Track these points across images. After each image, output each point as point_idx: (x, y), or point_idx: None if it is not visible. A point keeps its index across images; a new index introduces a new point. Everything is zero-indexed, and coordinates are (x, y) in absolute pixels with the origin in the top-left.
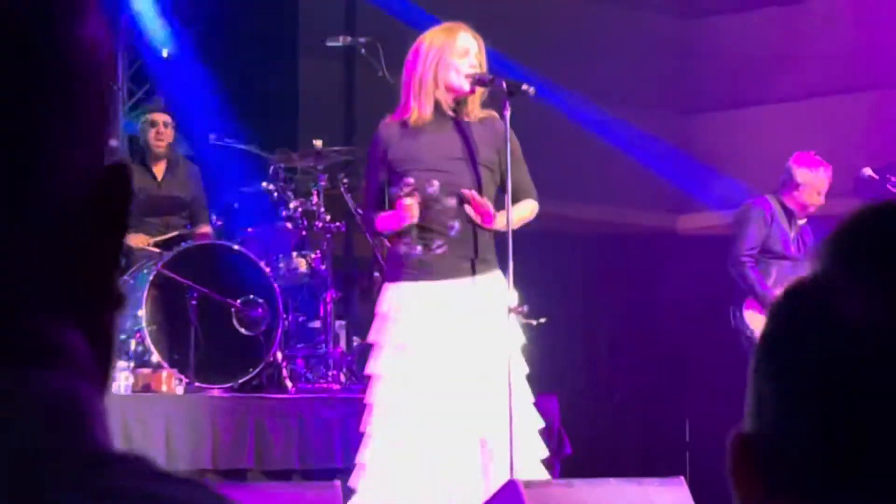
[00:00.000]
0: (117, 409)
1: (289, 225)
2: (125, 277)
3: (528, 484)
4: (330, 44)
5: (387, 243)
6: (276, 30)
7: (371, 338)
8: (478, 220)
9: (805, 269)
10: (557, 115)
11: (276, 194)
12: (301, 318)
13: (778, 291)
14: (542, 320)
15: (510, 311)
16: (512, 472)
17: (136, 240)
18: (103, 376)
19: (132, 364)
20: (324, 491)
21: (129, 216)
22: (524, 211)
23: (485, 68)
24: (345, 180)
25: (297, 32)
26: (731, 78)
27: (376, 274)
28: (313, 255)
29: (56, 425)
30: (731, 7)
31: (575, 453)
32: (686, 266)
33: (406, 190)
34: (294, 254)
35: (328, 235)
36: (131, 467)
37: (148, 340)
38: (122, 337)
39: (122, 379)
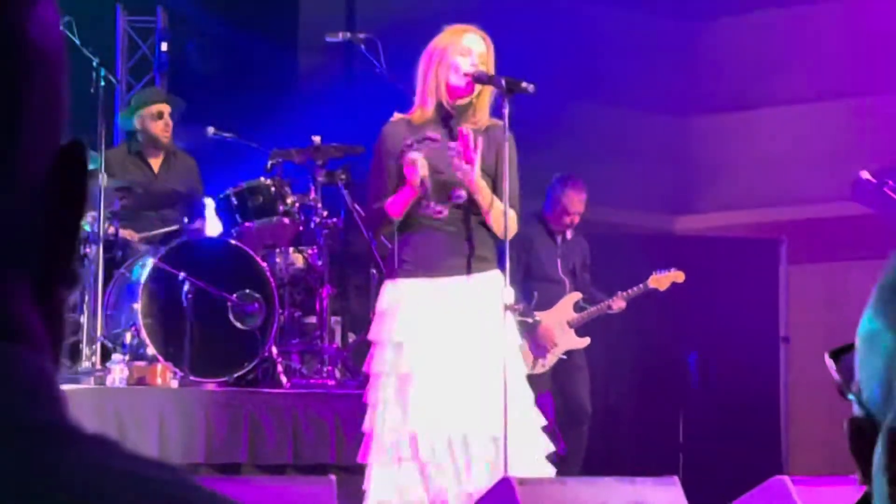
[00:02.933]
0: (112, 401)
1: (286, 220)
2: (122, 270)
3: (522, 481)
4: (329, 39)
5: (387, 243)
6: (276, 24)
7: (371, 335)
8: (461, 162)
9: (566, 288)
10: (557, 115)
11: (273, 189)
12: (297, 314)
13: (539, 314)
14: (538, 318)
15: (506, 308)
16: (506, 469)
17: (123, 234)
18: (57, 354)
19: (127, 357)
20: (319, 485)
21: (86, 194)
22: (502, 208)
23: (492, 71)
24: (342, 176)
25: (296, 27)
26: (731, 81)
27: (373, 271)
28: (310, 251)
29: (34, 401)
30: (732, 10)
31: (568, 452)
32: (683, 267)
33: (408, 148)
34: (291, 249)
35: (325, 231)
36: (105, 445)
37: (143, 333)
38: (118, 330)
39: (117, 371)
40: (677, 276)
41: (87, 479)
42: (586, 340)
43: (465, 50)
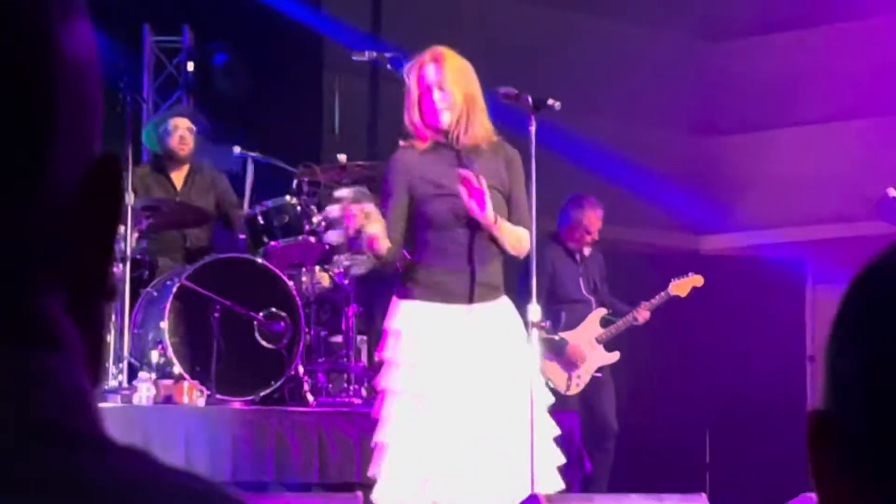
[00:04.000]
0: (138, 419)
1: (312, 239)
2: (149, 289)
3: (550, 498)
4: (355, 58)
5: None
6: (302, 44)
7: (384, 354)
8: (472, 206)
9: (592, 306)
10: (582, 135)
11: (299, 208)
12: (323, 333)
13: (567, 333)
14: (563, 337)
15: (532, 325)
16: (533, 485)
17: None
18: (94, 368)
19: (154, 375)
20: (345, 502)
21: (121, 207)
22: (521, 234)
23: (451, 87)
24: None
25: (322, 46)
26: (753, 101)
27: None
28: (336, 270)
29: (69, 410)
30: (753, 30)
31: (595, 472)
32: (710, 286)
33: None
34: (317, 268)
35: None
36: (134, 454)
37: (170, 352)
38: (145, 348)
39: (144, 390)
40: (696, 280)
41: (120, 487)
42: (616, 355)
43: (425, 87)
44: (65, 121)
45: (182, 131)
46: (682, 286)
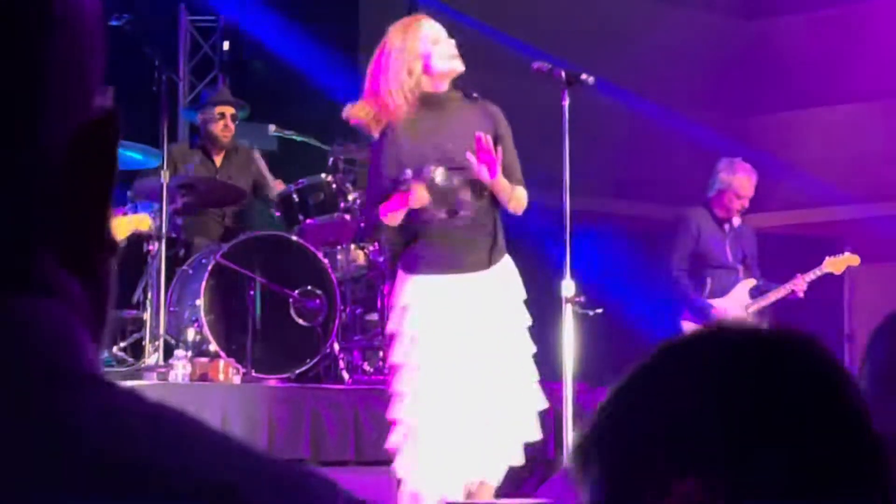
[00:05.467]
0: (174, 397)
1: (347, 217)
2: (184, 267)
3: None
4: None
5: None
6: (338, 24)
7: (391, 328)
8: (483, 172)
9: (740, 275)
10: (618, 113)
11: (334, 186)
12: (358, 310)
13: (715, 301)
14: (599, 311)
15: (566, 301)
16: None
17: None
18: (98, 319)
19: (190, 353)
20: (380, 477)
21: (116, 163)
22: (520, 194)
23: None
24: None
25: (357, 27)
26: (793, 79)
27: None
28: (371, 247)
29: (57, 349)
30: (793, 7)
31: None
32: None
33: (408, 181)
34: (352, 246)
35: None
36: (129, 391)
37: (206, 330)
38: (181, 326)
39: (180, 368)
40: (852, 259)
41: (98, 422)
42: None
43: (434, 37)
44: (55, 74)
45: (227, 119)
46: (837, 263)
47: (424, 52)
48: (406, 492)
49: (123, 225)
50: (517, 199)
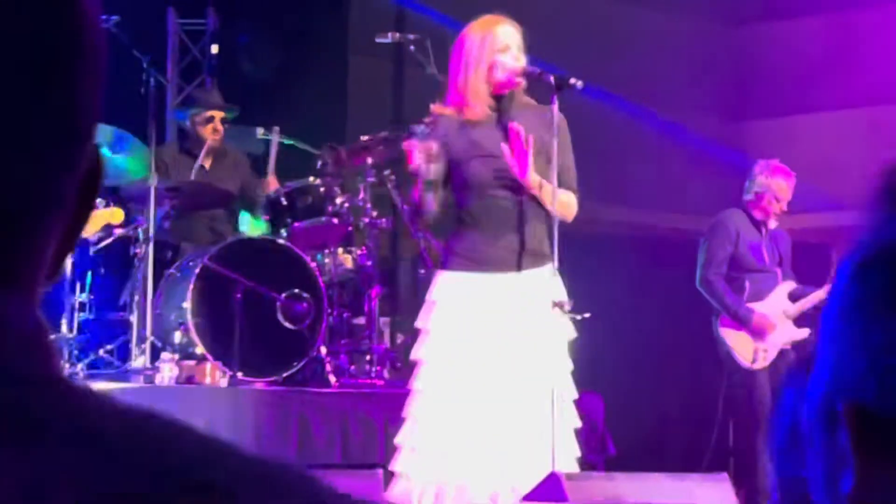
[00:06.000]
0: (161, 400)
1: (335, 220)
2: (171, 270)
3: (570, 476)
4: (379, 40)
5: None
6: (327, 26)
7: (419, 323)
8: (514, 167)
9: (778, 278)
10: (609, 119)
11: (322, 189)
12: (346, 314)
13: (754, 304)
14: (587, 315)
15: (554, 305)
16: (554, 463)
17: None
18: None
19: (177, 356)
20: (366, 479)
21: (95, 202)
22: (566, 198)
23: (523, 50)
24: (392, 176)
25: (346, 29)
26: (785, 85)
27: (422, 271)
28: (359, 251)
29: (15, 345)
30: (785, 14)
31: (619, 453)
32: None
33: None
34: (340, 249)
35: (374, 231)
36: (89, 394)
37: (192, 332)
38: (168, 329)
39: (167, 370)
40: None
41: (68, 424)
42: (805, 332)
43: (504, 46)
44: (86, 107)
45: (216, 123)
46: None
47: (490, 59)
48: (405, 489)
49: (96, 218)
50: (564, 203)
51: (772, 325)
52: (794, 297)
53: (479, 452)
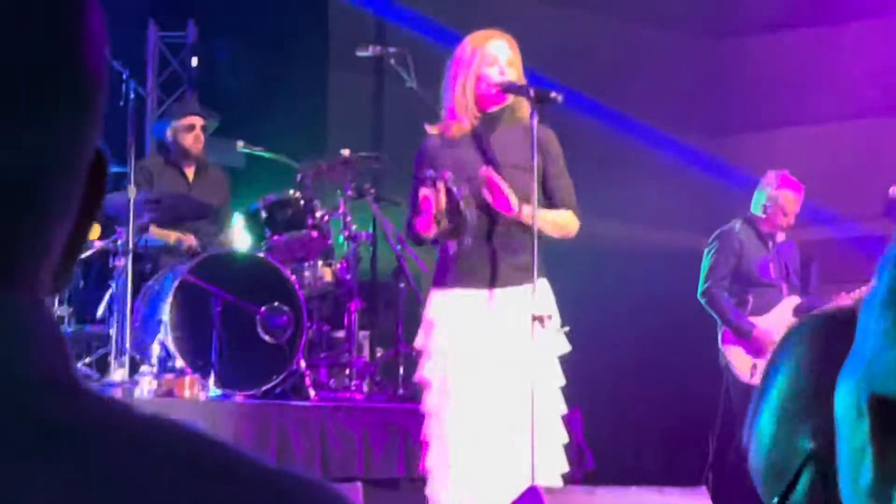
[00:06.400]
0: None
1: (315, 233)
2: (150, 283)
3: (550, 490)
4: (360, 54)
5: (416, 258)
6: (307, 41)
7: (418, 343)
8: (490, 200)
9: (783, 292)
10: (594, 133)
11: (302, 202)
12: (325, 328)
13: (756, 319)
14: (566, 329)
15: (534, 318)
16: (533, 477)
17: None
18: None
19: (155, 369)
20: (347, 494)
21: (102, 202)
22: (560, 218)
23: (521, 74)
24: (371, 190)
25: (327, 42)
26: (764, 99)
27: (401, 285)
28: (339, 265)
29: (43, 352)
30: (765, 28)
31: (597, 467)
32: None
33: (431, 183)
34: (320, 262)
35: (354, 245)
36: (111, 401)
37: (172, 346)
38: (147, 342)
39: (146, 384)
40: None
41: (96, 432)
42: None
43: (493, 59)
44: (86, 97)
45: (197, 130)
46: None
47: (478, 71)
48: None
49: None
50: (557, 223)
51: (772, 342)
52: (799, 312)
53: (483, 469)
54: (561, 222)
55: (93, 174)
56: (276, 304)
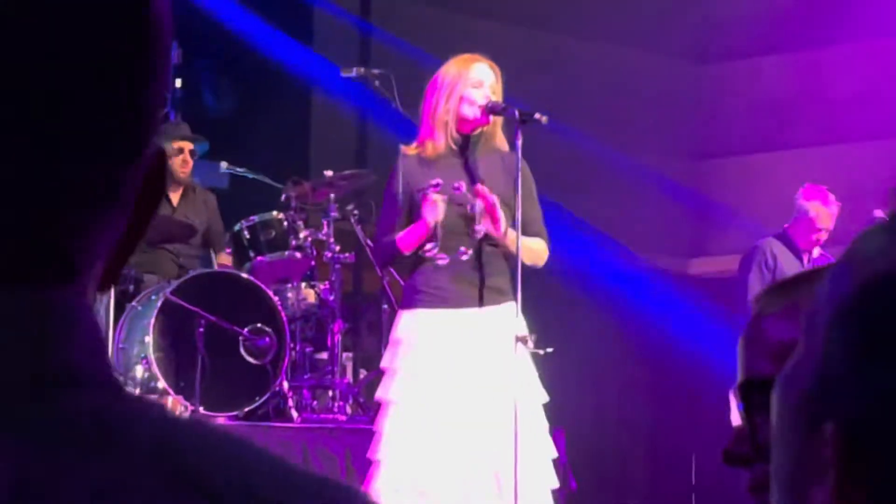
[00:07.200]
0: None
1: (298, 255)
2: (133, 304)
3: None
4: (344, 75)
5: (396, 276)
6: (291, 60)
7: (384, 363)
8: (489, 226)
9: None
10: (573, 156)
11: (286, 223)
12: (308, 349)
13: None
14: (549, 350)
15: (517, 339)
16: (516, 500)
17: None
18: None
19: (138, 390)
20: None
21: (159, 204)
22: (536, 245)
23: (500, 99)
24: (355, 212)
25: (310, 63)
26: (745, 123)
27: (385, 306)
28: (322, 286)
29: (82, 349)
30: (746, 52)
31: (580, 489)
32: (700, 308)
33: (433, 189)
34: (303, 284)
35: (337, 266)
36: (146, 401)
37: (154, 367)
38: (129, 363)
39: None
40: None
41: (136, 430)
42: None
43: (477, 81)
44: (147, 94)
45: (185, 154)
46: None
47: (462, 92)
48: None
49: None
50: (533, 250)
51: None
52: None
53: (453, 489)
54: (537, 249)
55: (150, 176)
56: (259, 325)
